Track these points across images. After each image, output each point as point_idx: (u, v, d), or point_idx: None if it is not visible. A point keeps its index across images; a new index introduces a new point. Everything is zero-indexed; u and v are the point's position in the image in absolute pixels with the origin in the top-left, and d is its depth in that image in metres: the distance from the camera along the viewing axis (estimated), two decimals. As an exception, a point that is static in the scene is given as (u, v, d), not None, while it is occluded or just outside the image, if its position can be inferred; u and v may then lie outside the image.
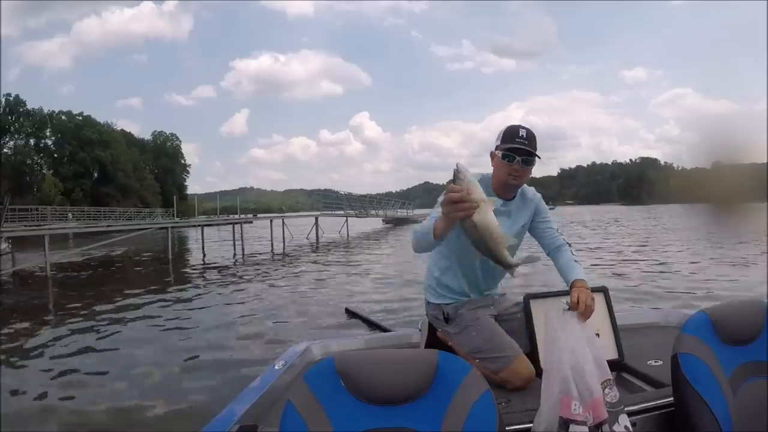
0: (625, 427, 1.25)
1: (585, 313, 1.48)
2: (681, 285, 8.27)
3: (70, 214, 35.52)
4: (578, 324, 1.39)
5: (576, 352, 1.30)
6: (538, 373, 1.72)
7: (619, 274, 9.67)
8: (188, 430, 3.36)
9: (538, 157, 1.70)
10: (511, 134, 1.69)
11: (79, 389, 4.35)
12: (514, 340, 1.77)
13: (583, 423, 1.22)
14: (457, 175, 1.27)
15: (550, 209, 1.94)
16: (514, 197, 1.82)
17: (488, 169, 1.80)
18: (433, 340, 1.96)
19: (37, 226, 23.74)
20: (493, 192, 1.75)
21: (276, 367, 1.88)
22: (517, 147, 1.67)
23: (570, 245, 1.82)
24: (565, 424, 1.23)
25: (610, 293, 1.99)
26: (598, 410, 1.24)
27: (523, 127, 1.70)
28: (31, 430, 3.64)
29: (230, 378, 4.27)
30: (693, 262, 11.03)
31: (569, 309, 1.48)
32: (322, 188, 34.83)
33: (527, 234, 1.90)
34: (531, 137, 1.68)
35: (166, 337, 6.20)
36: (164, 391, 4.21)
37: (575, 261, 1.75)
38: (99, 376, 4.76)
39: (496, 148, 1.72)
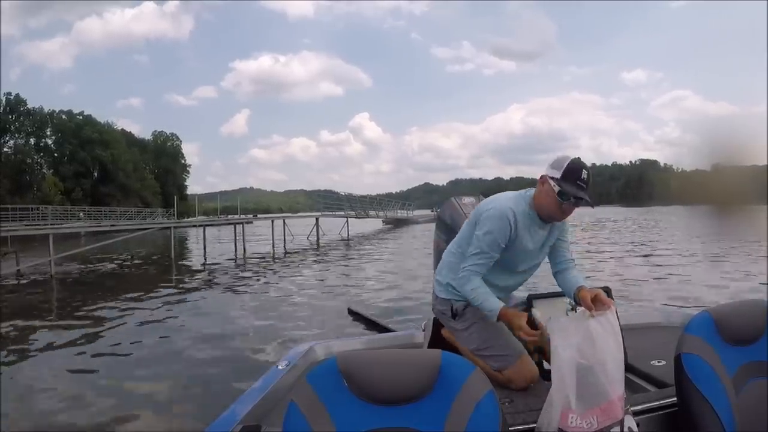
0: (629, 428, 1.24)
1: (606, 304, 1.45)
2: (683, 285, 8.27)
3: (81, 214, 35.48)
4: (589, 323, 1.32)
5: (586, 355, 1.25)
6: (542, 373, 1.72)
7: (621, 275, 9.67)
8: (192, 429, 3.37)
9: (591, 206, 1.61)
10: (573, 174, 1.57)
11: (80, 390, 4.35)
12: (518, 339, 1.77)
13: None
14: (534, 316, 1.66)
15: None
16: None
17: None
18: (437, 340, 1.96)
19: (43, 225, 23.73)
20: (535, 213, 1.68)
21: (279, 367, 1.88)
22: (575, 191, 1.58)
23: (575, 261, 1.80)
24: None
25: (612, 293, 2.00)
26: (608, 413, 1.22)
27: (586, 168, 1.60)
28: (32, 429, 3.64)
29: (233, 378, 4.27)
30: (694, 263, 11.03)
31: (572, 309, 1.47)
32: (323, 189, 34.82)
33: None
34: (589, 180, 1.59)
35: (169, 337, 6.21)
36: (167, 391, 4.22)
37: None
38: (100, 376, 4.76)
39: (552, 179, 1.60)
